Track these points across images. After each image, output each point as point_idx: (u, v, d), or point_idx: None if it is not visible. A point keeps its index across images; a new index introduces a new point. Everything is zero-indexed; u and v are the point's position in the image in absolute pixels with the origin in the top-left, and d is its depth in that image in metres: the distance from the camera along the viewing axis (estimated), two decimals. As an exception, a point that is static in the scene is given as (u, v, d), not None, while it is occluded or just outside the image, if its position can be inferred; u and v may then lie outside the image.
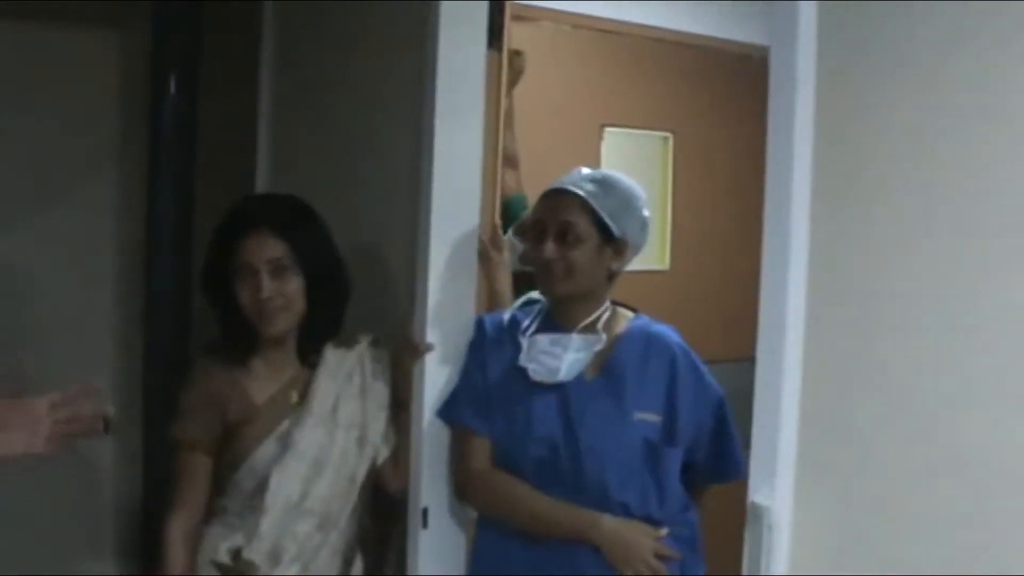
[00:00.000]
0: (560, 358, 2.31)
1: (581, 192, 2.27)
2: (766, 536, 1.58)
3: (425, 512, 2.45)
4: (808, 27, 1.61)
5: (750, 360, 1.85)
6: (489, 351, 2.41)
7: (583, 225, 2.26)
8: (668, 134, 3.74)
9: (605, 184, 2.32)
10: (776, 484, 1.53)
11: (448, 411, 2.43)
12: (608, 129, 3.59)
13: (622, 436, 2.27)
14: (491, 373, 2.39)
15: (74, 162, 3.11)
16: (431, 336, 2.43)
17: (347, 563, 2.46)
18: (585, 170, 2.37)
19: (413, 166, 2.48)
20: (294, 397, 2.42)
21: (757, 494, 1.63)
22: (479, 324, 2.46)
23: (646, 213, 2.36)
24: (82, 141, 3.11)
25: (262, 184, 3.14)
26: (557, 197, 2.31)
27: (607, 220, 2.27)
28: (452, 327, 2.46)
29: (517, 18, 2.77)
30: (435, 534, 2.48)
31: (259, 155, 3.16)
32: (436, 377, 2.46)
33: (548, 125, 3.36)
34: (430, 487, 2.46)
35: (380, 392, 2.47)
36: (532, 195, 2.51)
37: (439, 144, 2.40)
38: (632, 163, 3.43)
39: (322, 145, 2.95)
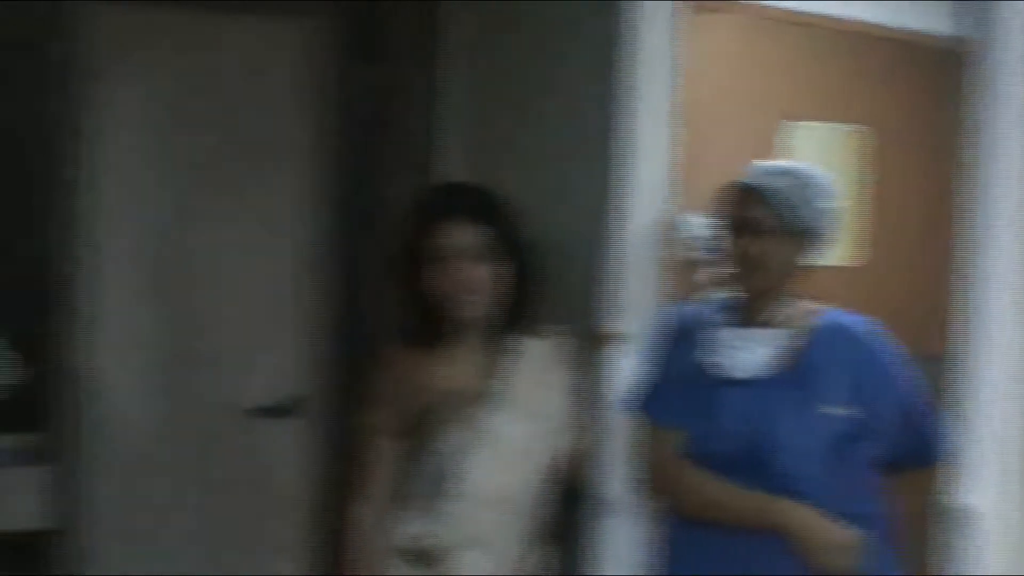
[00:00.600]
0: (749, 352, 2.30)
1: (764, 186, 2.26)
2: (969, 537, 1.54)
3: (608, 502, 2.46)
4: (1015, 21, 1.57)
5: (941, 358, 1.80)
6: (675, 344, 2.40)
7: (767, 219, 2.25)
8: (859, 128, 3.66)
9: (788, 176, 2.29)
10: (980, 485, 1.49)
11: (633, 404, 2.42)
12: (797, 123, 3.54)
13: (812, 431, 2.24)
14: (677, 366, 2.38)
15: (260, 152, 3.19)
16: (616, 327, 2.43)
17: (532, 551, 2.46)
18: (770, 163, 2.35)
19: (600, 157, 2.48)
20: (483, 385, 2.42)
21: (958, 494, 1.59)
22: (665, 317, 2.44)
23: (834, 204, 2.32)
24: (268, 131, 3.19)
25: (442, 174, 3.16)
26: (740, 192, 2.30)
27: (791, 213, 2.24)
28: (637, 318, 2.46)
29: (703, 10, 2.75)
30: (618, 524, 2.49)
31: (441, 145, 3.17)
32: (621, 368, 2.46)
33: (735, 119, 3.32)
34: (613, 477, 2.47)
35: (567, 382, 2.47)
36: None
37: (628, 135, 2.41)
38: (823, 158, 3.35)
39: (506, 134, 2.97)
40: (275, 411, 3.28)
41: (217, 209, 3.16)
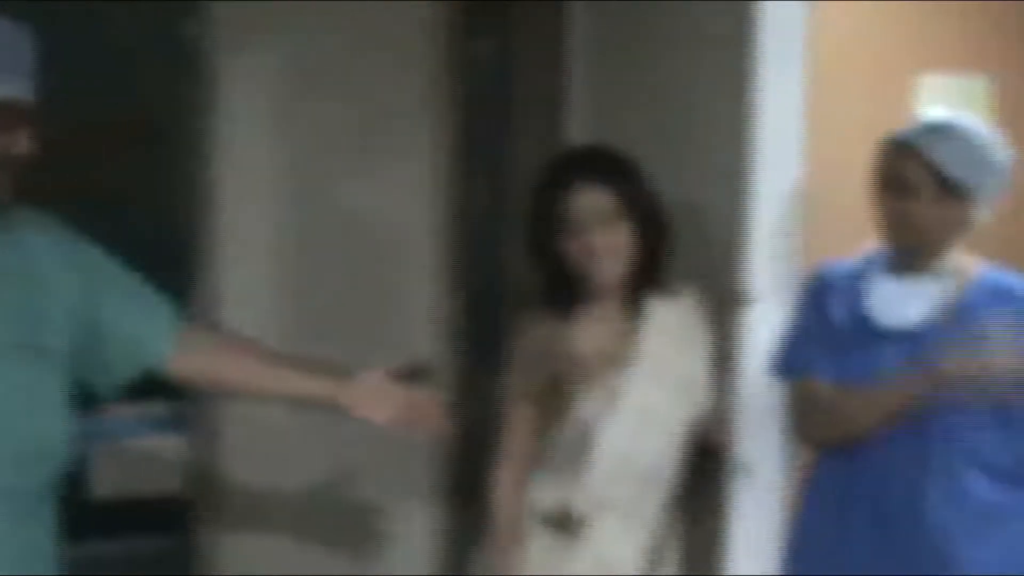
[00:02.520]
0: (905, 303, 2.27)
1: (923, 144, 2.21)
2: None
3: (745, 468, 2.47)
4: None
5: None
6: (825, 300, 2.38)
7: (918, 176, 2.21)
8: (991, 78, 3.57)
9: (944, 130, 2.25)
10: None
11: (782, 364, 2.41)
12: (923, 75, 3.46)
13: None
14: (831, 320, 2.35)
15: (390, 123, 3.20)
16: (754, 288, 2.44)
17: (669, 518, 2.47)
18: (928, 116, 2.31)
19: (734, 116, 2.48)
20: (620, 349, 2.42)
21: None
22: (817, 274, 2.42)
23: (999, 157, 2.26)
24: (398, 104, 3.20)
25: (574, 138, 3.16)
26: (891, 148, 2.27)
27: (943, 167, 2.19)
28: (776, 279, 2.46)
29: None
30: (754, 492, 2.50)
31: (571, 113, 3.18)
32: (759, 330, 2.46)
33: (856, 74, 3.25)
34: (751, 444, 2.48)
35: (704, 346, 2.47)
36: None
37: (761, 94, 2.41)
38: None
39: (637, 97, 2.96)
40: (407, 377, 3.26)
41: (347, 181, 3.19)
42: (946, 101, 3.42)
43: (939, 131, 2.24)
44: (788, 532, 2.48)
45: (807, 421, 2.37)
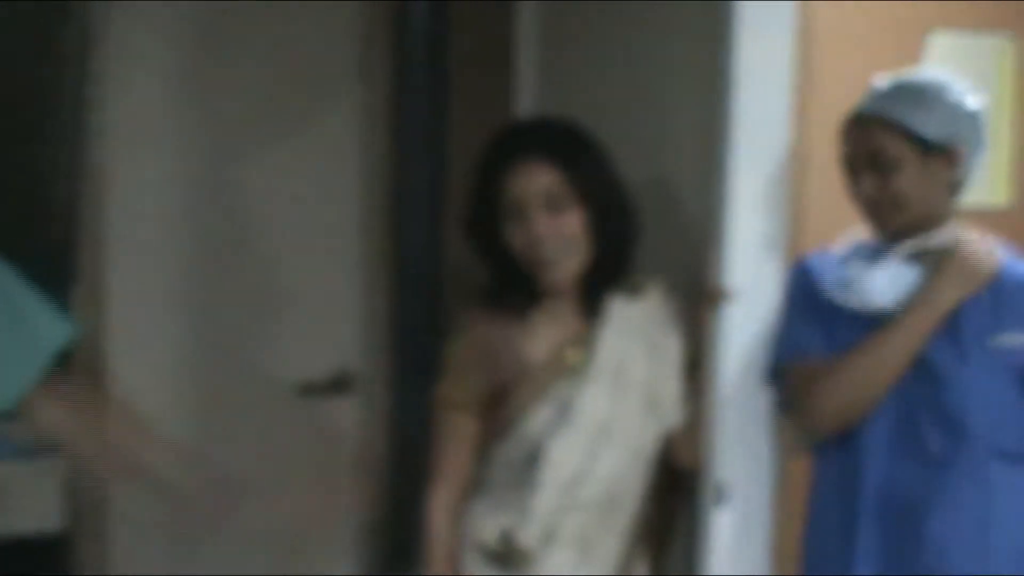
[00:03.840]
0: (900, 282, 2.16)
1: (883, 110, 2.11)
2: None
3: (720, 488, 2.24)
4: None
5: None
6: (818, 287, 2.24)
7: (894, 146, 2.10)
8: (1010, 36, 3.31)
9: (904, 89, 2.15)
10: None
11: (773, 359, 2.24)
12: (933, 34, 3.21)
13: (983, 364, 2.09)
14: (823, 308, 2.22)
15: (313, 89, 3.07)
16: (732, 282, 2.21)
17: (632, 549, 2.30)
18: (886, 80, 2.19)
19: (709, 78, 2.26)
20: (575, 354, 2.26)
21: None
22: (802, 262, 2.28)
23: (970, 104, 2.16)
24: (326, 66, 3.06)
25: (525, 109, 2.99)
26: (857, 123, 2.16)
27: (919, 129, 2.09)
28: (758, 270, 2.24)
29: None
30: (732, 517, 2.27)
31: (519, 78, 3.00)
32: (739, 331, 2.23)
33: (862, 36, 3.00)
34: (730, 463, 2.24)
35: (672, 349, 2.29)
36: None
37: (741, 50, 2.19)
38: (965, 75, 3.08)
39: (595, 63, 2.77)
40: (331, 387, 3.17)
41: (264, 157, 3.04)
42: (957, 63, 3.17)
43: (904, 93, 2.15)
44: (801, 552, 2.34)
45: (812, 399, 2.21)
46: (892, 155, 2.10)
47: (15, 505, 2.01)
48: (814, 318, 2.22)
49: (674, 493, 2.37)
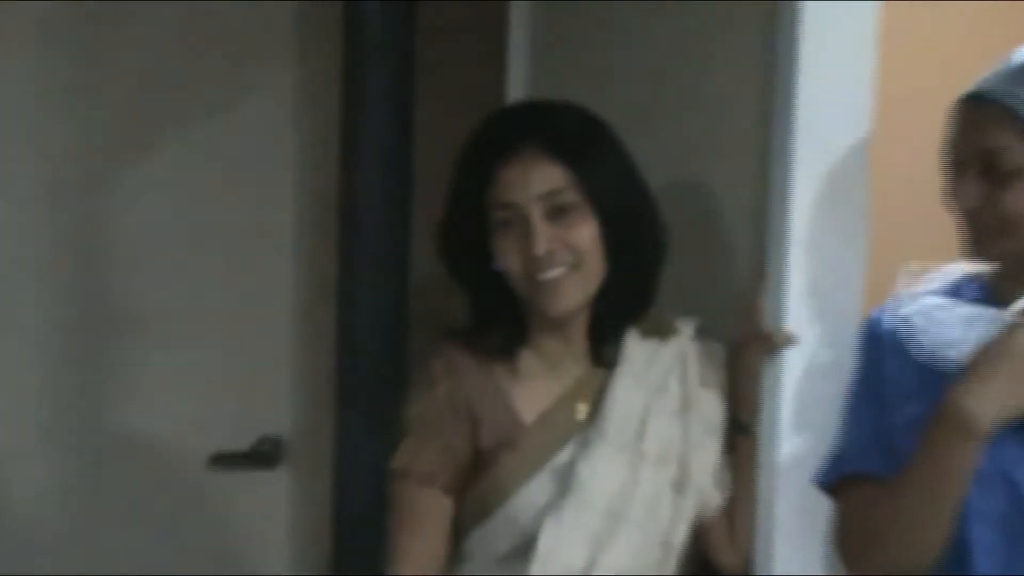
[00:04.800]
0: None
1: (1006, 98, 1.71)
2: None
3: None
4: None
5: None
6: (889, 358, 1.84)
7: (1018, 150, 1.69)
8: None
9: None
10: None
11: (831, 469, 1.88)
12: None
13: None
14: (898, 390, 1.82)
15: (242, 77, 2.77)
16: (793, 322, 1.88)
17: None
18: (1012, 58, 1.80)
19: (762, 68, 1.98)
20: (580, 411, 1.93)
21: None
22: (872, 322, 1.90)
23: None
24: (254, 47, 2.77)
25: (513, 96, 2.72)
26: (972, 110, 1.75)
27: None
28: (826, 309, 1.91)
29: None
30: None
31: (509, 62, 2.73)
32: (799, 386, 1.89)
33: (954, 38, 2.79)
34: (787, 558, 1.91)
35: (710, 408, 1.96)
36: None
37: (808, 33, 1.88)
38: None
39: (610, 41, 2.48)
40: (251, 458, 2.89)
41: (160, 173, 2.74)
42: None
43: None
44: None
45: (850, 545, 1.85)
46: (1013, 159, 1.71)
47: None
48: (878, 413, 1.85)
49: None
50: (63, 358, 2.80)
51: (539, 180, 1.84)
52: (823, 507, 1.90)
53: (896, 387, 1.84)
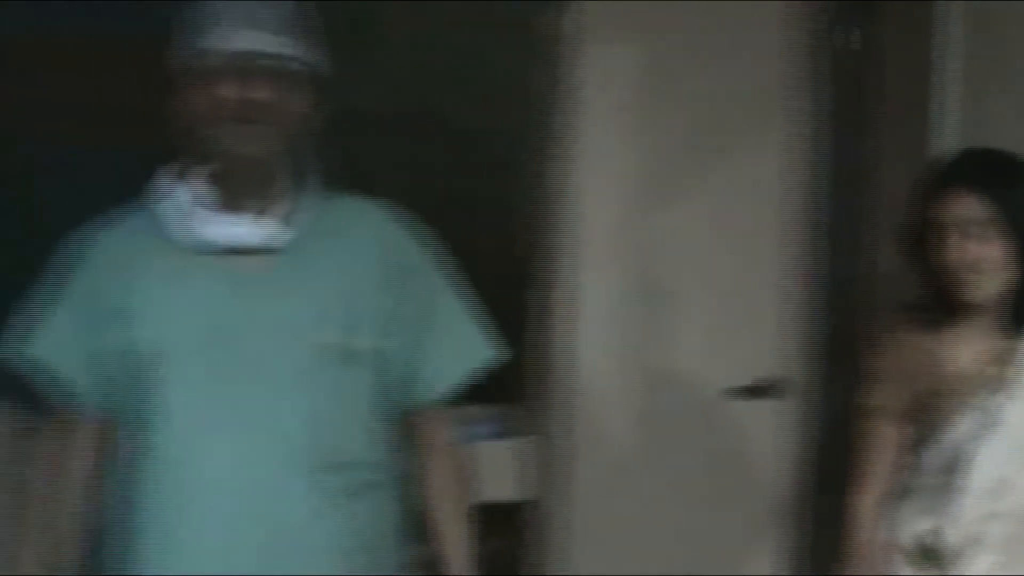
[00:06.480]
0: None
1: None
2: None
3: None
4: None
5: None
6: None
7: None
8: None
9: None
10: None
11: None
12: None
13: None
14: None
15: (743, 124, 3.16)
16: None
17: None
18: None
19: None
20: (995, 370, 2.26)
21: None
22: None
23: None
24: (754, 101, 3.16)
25: (945, 143, 2.98)
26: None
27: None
28: None
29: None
30: None
31: (941, 110, 2.99)
32: None
33: None
34: None
35: None
36: None
37: None
38: None
39: (1006, 104, 2.76)
40: (754, 391, 3.25)
41: (695, 184, 3.17)
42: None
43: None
44: None
45: None
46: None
47: (492, 477, 2.17)
48: None
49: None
50: (632, 322, 3.25)
51: (973, 209, 2.20)
52: None
53: None
